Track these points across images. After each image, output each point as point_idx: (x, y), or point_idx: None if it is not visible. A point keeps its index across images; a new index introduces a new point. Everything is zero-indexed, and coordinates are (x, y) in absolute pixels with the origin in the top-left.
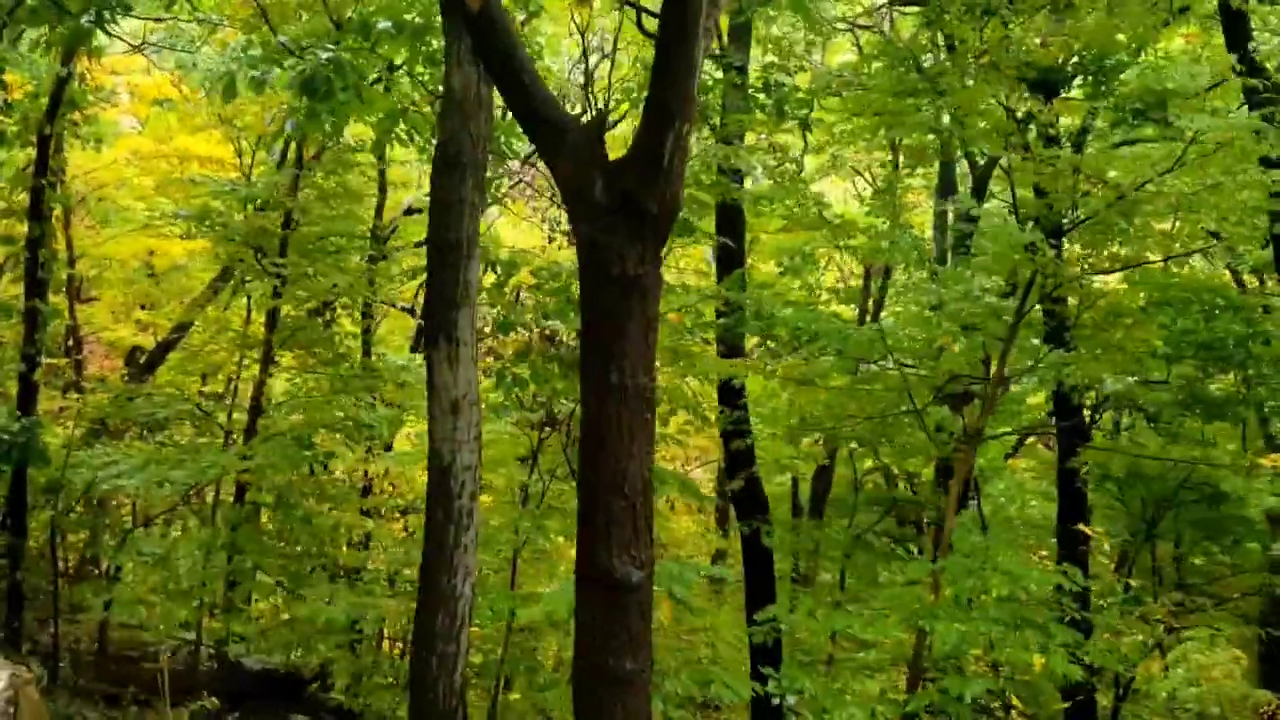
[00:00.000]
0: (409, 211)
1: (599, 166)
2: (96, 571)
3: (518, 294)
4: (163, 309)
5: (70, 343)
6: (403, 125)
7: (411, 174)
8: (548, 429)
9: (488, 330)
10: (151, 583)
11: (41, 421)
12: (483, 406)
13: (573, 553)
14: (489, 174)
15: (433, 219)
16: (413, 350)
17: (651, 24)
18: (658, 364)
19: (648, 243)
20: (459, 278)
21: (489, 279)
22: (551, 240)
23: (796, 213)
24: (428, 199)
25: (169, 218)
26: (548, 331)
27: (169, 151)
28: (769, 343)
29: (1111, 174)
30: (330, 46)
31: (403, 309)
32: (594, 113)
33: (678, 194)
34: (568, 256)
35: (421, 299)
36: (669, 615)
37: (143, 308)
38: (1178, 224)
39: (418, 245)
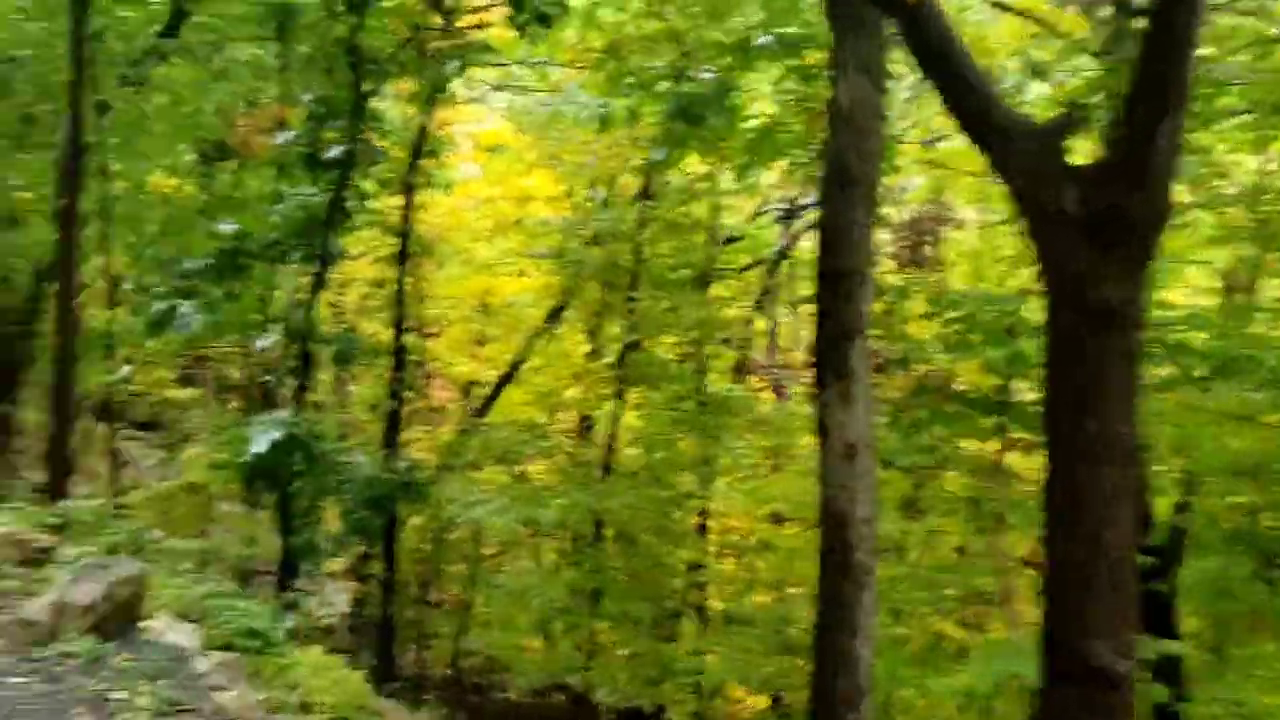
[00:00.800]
0: (729, 240)
1: (1065, 174)
2: (445, 600)
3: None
4: (497, 344)
5: (422, 378)
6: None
7: (731, 200)
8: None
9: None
10: (505, 616)
11: (419, 462)
12: None
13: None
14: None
15: (823, 244)
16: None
17: None
18: None
19: (1132, 262)
20: (851, 307)
21: (877, 307)
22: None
23: (1227, 223)
24: (749, 225)
25: (515, 256)
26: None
27: (506, 194)
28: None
29: None
30: (711, 69)
31: (722, 341)
32: None
33: (1169, 201)
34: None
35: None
36: None
37: (478, 343)
38: None
39: (741, 271)
